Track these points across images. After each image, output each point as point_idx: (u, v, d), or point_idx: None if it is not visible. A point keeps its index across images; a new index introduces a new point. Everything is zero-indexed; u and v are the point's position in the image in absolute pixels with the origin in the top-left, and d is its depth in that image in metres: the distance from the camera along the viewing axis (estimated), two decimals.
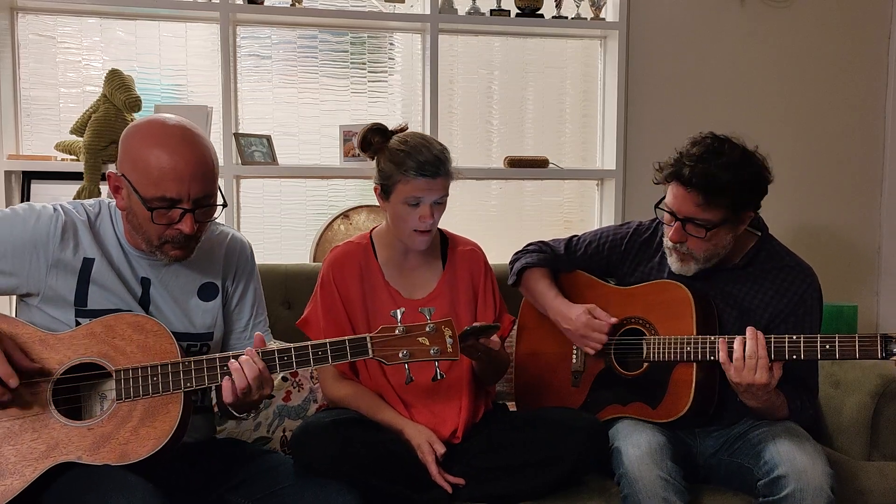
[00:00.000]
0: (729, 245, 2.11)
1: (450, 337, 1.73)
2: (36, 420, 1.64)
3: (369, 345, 1.72)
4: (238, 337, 1.93)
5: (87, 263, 1.74)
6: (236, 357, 1.69)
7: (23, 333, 1.68)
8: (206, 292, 1.86)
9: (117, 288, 1.76)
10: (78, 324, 1.72)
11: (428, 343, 1.72)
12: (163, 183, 1.66)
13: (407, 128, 2.15)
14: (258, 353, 1.70)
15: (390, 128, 2.13)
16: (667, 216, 2.10)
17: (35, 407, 1.65)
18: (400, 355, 1.72)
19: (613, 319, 2.14)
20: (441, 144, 2.10)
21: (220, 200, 1.76)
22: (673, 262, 2.14)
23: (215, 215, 1.78)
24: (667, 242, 2.14)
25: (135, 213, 1.71)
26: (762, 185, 2.06)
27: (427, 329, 1.72)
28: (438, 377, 1.76)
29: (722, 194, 1.99)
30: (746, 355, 1.92)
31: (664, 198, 2.11)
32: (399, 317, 1.73)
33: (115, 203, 1.81)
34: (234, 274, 1.92)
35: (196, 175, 1.68)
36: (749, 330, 1.95)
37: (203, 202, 1.71)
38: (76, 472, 1.61)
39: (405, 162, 2.02)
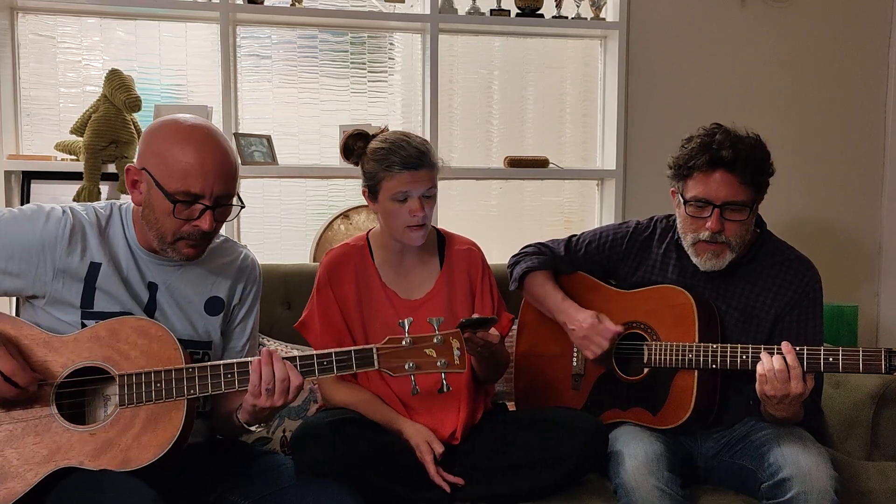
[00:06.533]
0: (751, 231, 2.12)
1: (458, 349, 1.71)
2: (39, 423, 1.64)
3: (375, 356, 1.71)
4: (235, 357, 1.91)
5: (94, 268, 1.73)
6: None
7: (27, 335, 1.67)
8: (212, 306, 1.86)
9: (122, 295, 1.75)
10: (83, 326, 1.71)
11: (435, 355, 1.70)
12: (188, 177, 1.67)
13: (387, 129, 2.16)
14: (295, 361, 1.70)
15: (371, 132, 2.14)
16: (697, 209, 2.07)
17: (38, 410, 1.64)
18: (406, 367, 1.70)
19: (619, 328, 2.12)
20: (421, 138, 2.11)
21: (239, 203, 1.77)
22: (705, 261, 2.10)
23: (232, 216, 1.78)
24: (692, 239, 2.10)
25: (153, 207, 1.71)
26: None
27: (435, 340, 1.71)
28: (445, 389, 1.74)
29: (761, 170, 2.05)
30: (778, 369, 1.87)
31: (683, 195, 2.09)
32: (407, 327, 1.71)
33: (126, 206, 1.81)
34: (242, 294, 1.92)
35: (220, 173, 1.70)
36: (773, 349, 1.91)
37: (222, 201, 1.73)
38: (78, 477, 1.60)
39: (387, 158, 2.04)
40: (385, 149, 2.05)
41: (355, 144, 2.12)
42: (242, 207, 1.80)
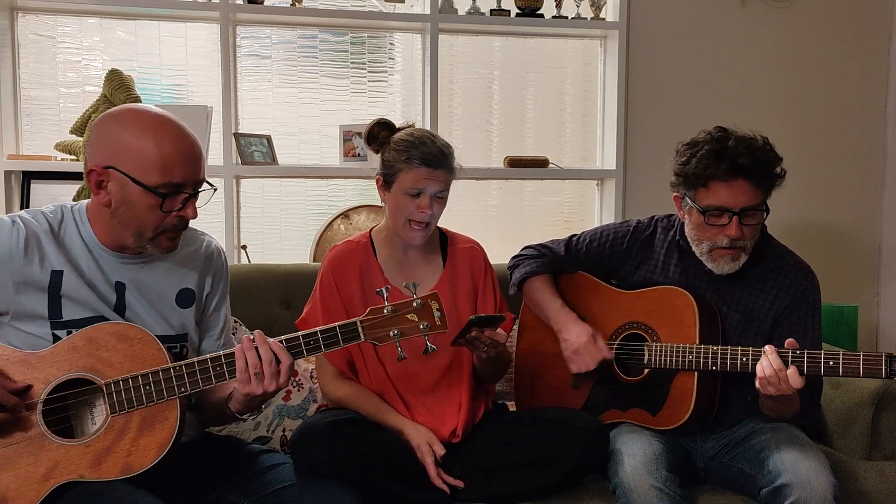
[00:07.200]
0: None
1: (437, 310, 1.72)
2: (31, 443, 1.60)
3: (360, 329, 1.71)
4: (213, 345, 1.89)
5: (56, 276, 1.67)
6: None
7: (1, 356, 1.62)
8: (184, 299, 1.82)
9: (90, 299, 1.70)
10: (55, 336, 1.66)
11: (417, 319, 1.72)
12: (169, 168, 1.63)
13: (414, 125, 2.18)
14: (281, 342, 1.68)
15: (397, 125, 2.16)
16: (715, 217, 2.05)
17: (27, 430, 1.60)
18: (391, 335, 1.71)
19: (610, 355, 2.14)
20: (445, 141, 2.13)
21: (210, 189, 1.75)
22: (722, 265, 2.09)
23: (207, 200, 1.76)
24: (709, 247, 2.08)
25: (130, 205, 1.65)
26: None
27: (415, 305, 1.72)
28: (429, 350, 1.75)
29: (774, 173, 2.06)
30: (777, 369, 1.87)
31: (696, 203, 2.06)
32: (385, 295, 1.72)
33: (77, 206, 1.75)
34: (213, 282, 1.88)
35: (196, 159, 1.68)
36: (768, 348, 1.90)
37: (199, 187, 1.71)
38: (79, 491, 1.58)
39: (409, 151, 2.05)
40: (409, 142, 2.07)
41: (380, 132, 2.14)
42: (215, 190, 1.77)
